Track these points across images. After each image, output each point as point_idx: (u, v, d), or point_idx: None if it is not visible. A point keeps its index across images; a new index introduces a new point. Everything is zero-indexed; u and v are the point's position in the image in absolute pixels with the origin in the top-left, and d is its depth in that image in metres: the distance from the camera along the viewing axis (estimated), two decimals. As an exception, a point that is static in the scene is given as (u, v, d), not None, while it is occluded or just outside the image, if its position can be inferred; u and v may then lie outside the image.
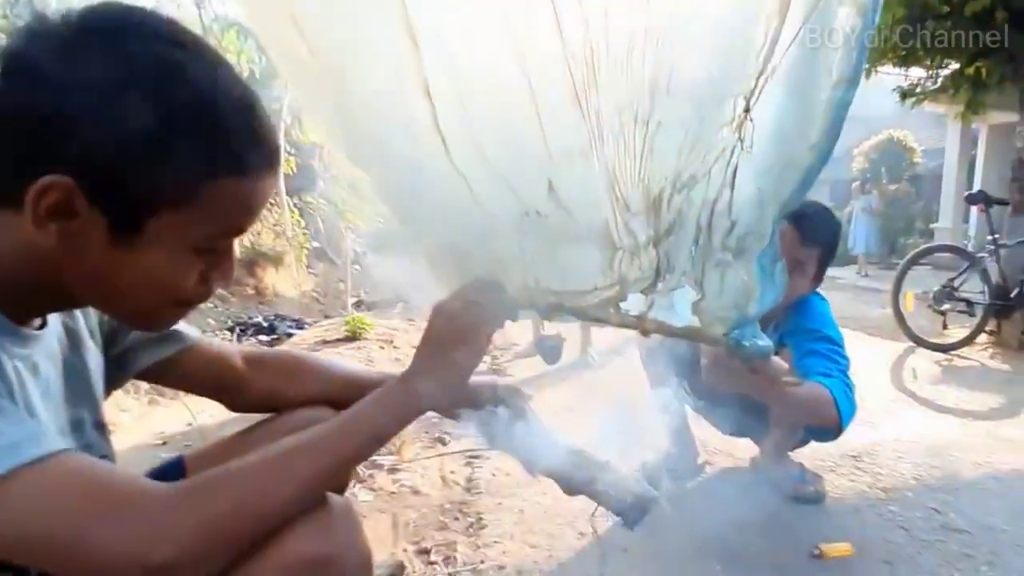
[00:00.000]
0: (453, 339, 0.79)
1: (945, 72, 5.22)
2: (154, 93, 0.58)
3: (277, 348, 1.95)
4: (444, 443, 2.49)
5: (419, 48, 0.78)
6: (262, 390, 0.98)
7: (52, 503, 0.56)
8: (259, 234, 5.48)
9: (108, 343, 0.85)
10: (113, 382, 0.87)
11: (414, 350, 0.81)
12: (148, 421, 2.89)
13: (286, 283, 5.80)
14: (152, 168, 0.58)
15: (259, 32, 0.86)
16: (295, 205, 6.21)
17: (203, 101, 0.60)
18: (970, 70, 4.64)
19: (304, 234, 6.12)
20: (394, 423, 0.75)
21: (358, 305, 5.59)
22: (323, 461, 0.68)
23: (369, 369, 1.21)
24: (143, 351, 0.88)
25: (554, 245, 0.93)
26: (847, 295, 7.50)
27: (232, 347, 1.01)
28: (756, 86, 0.85)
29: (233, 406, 1.01)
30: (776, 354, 1.45)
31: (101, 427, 0.82)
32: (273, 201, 5.76)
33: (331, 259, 6.84)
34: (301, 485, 0.66)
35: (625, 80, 0.81)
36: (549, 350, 1.05)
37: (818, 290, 1.92)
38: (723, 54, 0.80)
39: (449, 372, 0.78)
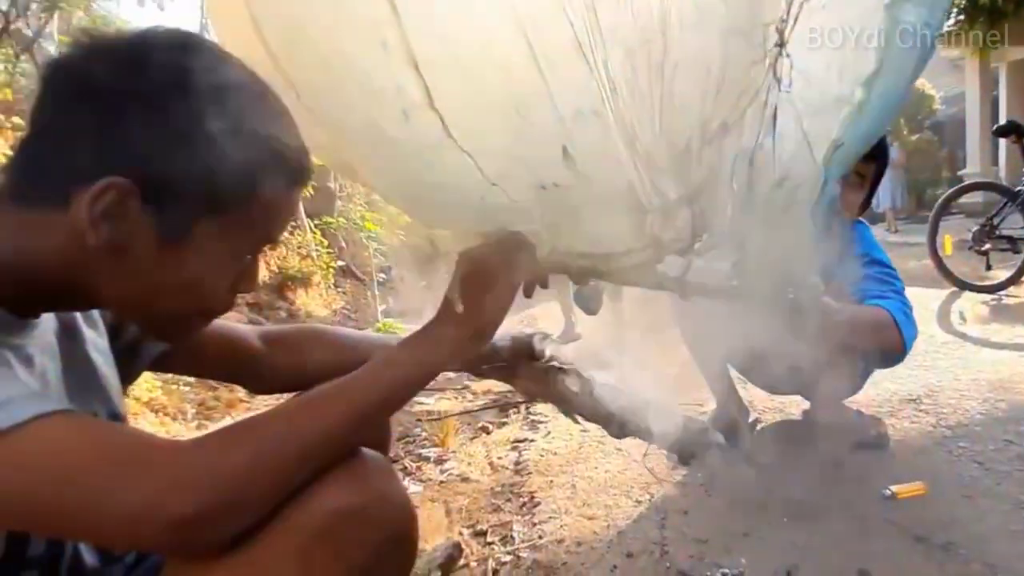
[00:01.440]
0: (479, 287, 0.76)
1: (956, 11, 5.08)
2: (212, 104, 0.60)
3: (295, 324, 1.87)
4: (488, 432, 2.46)
5: (399, 14, 0.68)
6: (283, 367, 0.95)
7: (57, 460, 0.52)
8: (285, 257, 5.53)
9: (114, 334, 0.82)
10: (128, 372, 0.84)
11: None
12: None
13: (316, 303, 5.85)
14: (206, 176, 0.60)
15: (223, 40, 0.77)
16: (316, 226, 6.25)
17: (255, 114, 0.63)
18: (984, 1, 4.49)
19: (328, 253, 6.17)
20: (421, 370, 0.72)
21: (387, 314, 5.60)
22: (348, 407, 0.65)
23: (395, 336, 1.18)
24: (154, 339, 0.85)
25: (578, 215, 0.85)
26: (882, 252, 7.30)
27: (248, 328, 0.97)
28: (790, 13, 0.75)
29: (256, 389, 0.99)
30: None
31: (118, 419, 0.79)
32: (295, 223, 5.81)
33: (357, 276, 6.88)
34: (326, 430, 0.63)
35: (632, 20, 0.73)
36: (588, 299, 1.02)
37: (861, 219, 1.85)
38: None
39: (474, 319, 0.76)
